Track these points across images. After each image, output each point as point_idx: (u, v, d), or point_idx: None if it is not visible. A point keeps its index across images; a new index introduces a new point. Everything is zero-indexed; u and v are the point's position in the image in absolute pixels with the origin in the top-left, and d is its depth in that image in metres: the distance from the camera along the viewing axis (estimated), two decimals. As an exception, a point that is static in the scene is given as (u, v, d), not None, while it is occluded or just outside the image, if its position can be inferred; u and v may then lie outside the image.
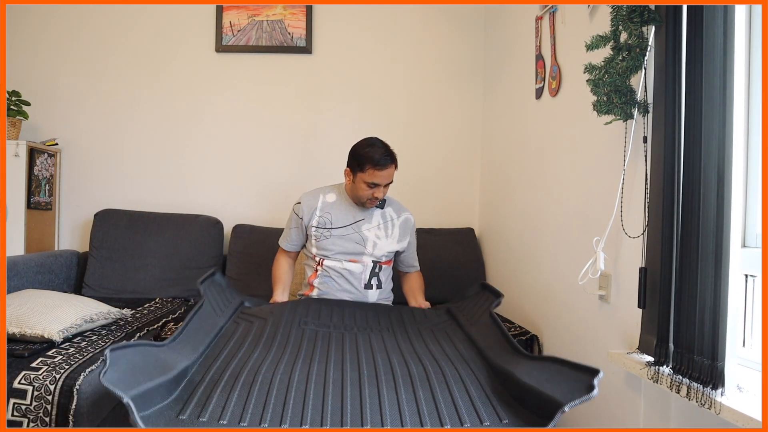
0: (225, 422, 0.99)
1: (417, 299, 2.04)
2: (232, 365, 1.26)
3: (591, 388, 0.96)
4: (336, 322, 1.67)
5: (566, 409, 0.93)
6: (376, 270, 1.98)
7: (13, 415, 1.42)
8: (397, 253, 2.08)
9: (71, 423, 1.42)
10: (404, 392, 1.13)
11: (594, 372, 1.00)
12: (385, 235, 2.00)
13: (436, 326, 1.67)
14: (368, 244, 1.96)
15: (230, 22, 2.80)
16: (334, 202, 2.01)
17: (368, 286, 1.97)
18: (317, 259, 1.99)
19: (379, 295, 1.99)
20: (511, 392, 1.12)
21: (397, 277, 2.15)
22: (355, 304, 1.86)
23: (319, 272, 1.97)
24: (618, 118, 1.36)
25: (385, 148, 1.91)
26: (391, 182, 1.94)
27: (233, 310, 1.69)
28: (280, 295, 1.99)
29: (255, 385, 1.14)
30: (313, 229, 1.98)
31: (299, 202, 2.02)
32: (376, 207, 2.02)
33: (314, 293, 1.98)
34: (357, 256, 1.96)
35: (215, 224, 2.68)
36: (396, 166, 1.93)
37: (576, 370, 1.05)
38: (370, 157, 1.87)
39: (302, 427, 0.99)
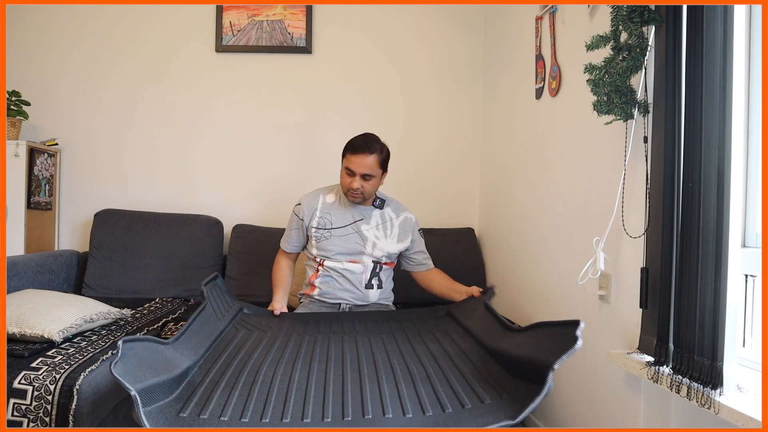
0: (226, 419, 0.99)
1: (455, 287, 1.96)
2: (233, 366, 1.26)
3: (575, 339, 0.97)
4: (335, 329, 1.68)
5: (556, 366, 0.95)
6: (377, 270, 1.98)
7: (13, 415, 1.42)
8: (404, 255, 2.06)
9: (71, 423, 1.42)
10: (405, 387, 1.13)
11: (575, 323, 1.02)
12: (384, 236, 1.99)
13: (437, 329, 1.67)
14: (368, 244, 1.96)
15: (230, 22, 2.81)
16: (334, 203, 2.00)
17: (369, 285, 1.97)
18: (318, 259, 1.98)
19: (380, 295, 1.99)
20: (507, 369, 1.14)
21: (414, 283, 2.11)
22: (354, 315, 1.86)
23: (320, 272, 1.97)
24: (618, 118, 1.36)
25: (367, 137, 1.90)
26: (370, 175, 1.87)
27: (233, 316, 1.69)
28: (280, 299, 1.94)
29: (256, 384, 1.14)
30: (313, 230, 1.98)
31: (299, 204, 2.02)
32: (375, 207, 2.01)
33: (315, 293, 1.98)
34: (357, 257, 1.96)
35: (215, 224, 2.68)
36: (380, 160, 1.88)
37: (559, 327, 1.08)
38: (349, 143, 1.90)
39: (303, 421, 0.99)
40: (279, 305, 1.89)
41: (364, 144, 1.87)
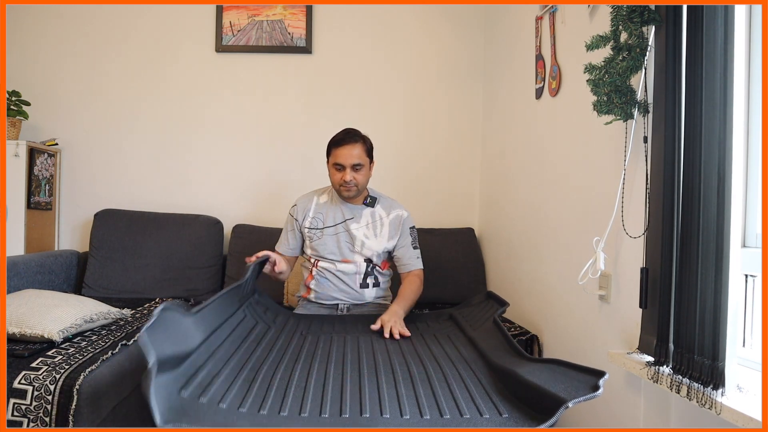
0: (224, 406, 0.99)
1: (395, 302, 1.82)
2: (233, 362, 1.26)
3: (596, 387, 0.96)
4: (338, 329, 1.68)
5: (570, 404, 0.93)
6: (369, 269, 1.98)
7: (13, 415, 1.42)
8: (391, 253, 2.04)
9: (71, 423, 1.42)
10: (404, 388, 1.13)
11: (600, 373, 1.00)
12: (374, 235, 1.98)
13: (438, 331, 1.67)
14: (356, 242, 1.95)
15: (230, 22, 2.80)
16: (326, 203, 2.01)
17: (364, 285, 1.96)
18: (312, 260, 1.99)
19: (376, 293, 1.99)
20: (512, 390, 1.12)
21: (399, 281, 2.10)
22: (356, 317, 1.85)
23: (314, 273, 1.97)
24: (618, 118, 1.36)
25: (347, 130, 1.92)
26: (360, 165, 1.87)
27: (246, 298, 1.68)
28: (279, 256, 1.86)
29: (256, 381, 1.15)
30: (306, 230, 1.98)
31: (295, 205, 2.03)
32: (365, 205, 2.00)
33: (311, 296, 1.98)
34: (348, 256, 1.96)
35: (215, 224, 2.68)
36: (366, 149, 1.91)
37: (581, 372, 1.05)
38: (332, 139, 1.93)
39: (300, 415, 0.99)
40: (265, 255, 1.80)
41: (347, 136, 1.90)
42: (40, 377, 1.45)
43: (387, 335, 1.58)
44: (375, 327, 1.63)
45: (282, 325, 1.68)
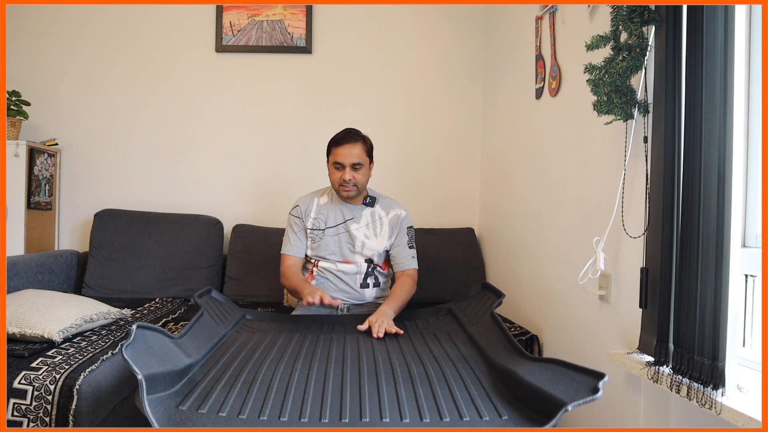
0: (224, 414, 0.99)
1: (383, 303, 1.81)
2: (233, 366, 1.26)
3: (595, 390, 0.96)
4: (338, 329, 1.68)
5: (569, 408, 0.93)
6: (370, 270, 1.98)
7: (13, 415, 1.42)
8: (388, 252, 2.03)
9: (71, 423, 1.42)
10: (404, 389, 1.13)
11: (599, 375, 1.00)
12: (374, 234, 1.98)
13: (438, 328, 1.67)
14: (357, 243, 1.96)
15: (230, 22, 2.81)
16: (326, 204, 2.01)
17: (364, 285, 1.96)
18: (313, 261, 1.99)
19: (377, 293, 1.99)
20: (512, 391, 1.12)
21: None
22: (356, 317, 1.85)
23: (315, 273, 1.97)
24: (618, 118, 1.36)
25: (348, 130, 1.94)
26: (360, 164, 1.88)
27: (235, 322, 1.68)
28: (313, 288, 1.84)
29: (255, 383, 1.15)
30: (308, 231, 1.98)
31: (297, 206, 2.03)
32: (365, 205, 2.00)
33: (311, 296, 1.98)
34: (349, 256, 1.96)
35: (215, 224, 2.68)
36: (366, 148, 1.93)
37: (580, 373, 1.05)
38: (332, 139, 1.94)
39: (300, 421, 0.99)
40: (318, 292, 1.77)
41: (347, 135, 1.91)
42: (40, 377, 1.45)
43: (375, 335, 1.58)
44: (362, 327, 1.64)
45: (282, 327, 1.68)
